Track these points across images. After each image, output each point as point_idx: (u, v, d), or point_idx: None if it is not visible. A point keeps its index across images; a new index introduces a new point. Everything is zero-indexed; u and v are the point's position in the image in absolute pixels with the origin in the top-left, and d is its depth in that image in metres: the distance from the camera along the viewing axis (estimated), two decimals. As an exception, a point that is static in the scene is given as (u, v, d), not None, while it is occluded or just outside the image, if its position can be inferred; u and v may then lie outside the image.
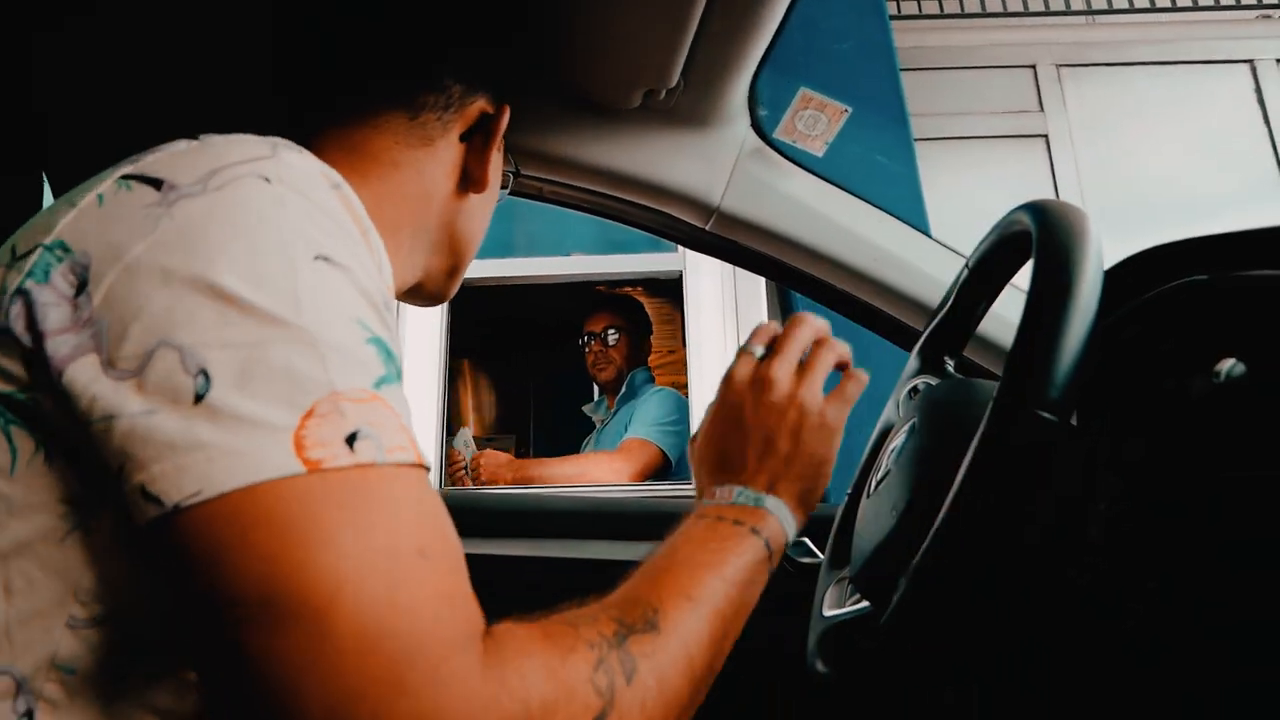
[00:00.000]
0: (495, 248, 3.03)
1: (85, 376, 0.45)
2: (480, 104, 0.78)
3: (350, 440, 0.45)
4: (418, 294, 0.84)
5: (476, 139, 0.78)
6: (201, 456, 0.43)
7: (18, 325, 0.47)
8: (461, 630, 0.45)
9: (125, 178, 0.51)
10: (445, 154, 0.76)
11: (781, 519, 0.72)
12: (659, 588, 0.60)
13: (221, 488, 0.42)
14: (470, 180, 0.79)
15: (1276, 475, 0.55)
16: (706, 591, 0.61)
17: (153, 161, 0.51)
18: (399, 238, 0.74)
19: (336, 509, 0.44)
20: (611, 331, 2.94)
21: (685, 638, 0.57)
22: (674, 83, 0.97)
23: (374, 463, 0.45)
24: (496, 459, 2.66)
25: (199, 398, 0.44)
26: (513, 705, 0.45)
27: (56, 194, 1.07)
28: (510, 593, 1.20)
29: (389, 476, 0.46)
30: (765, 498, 0.72)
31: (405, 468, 0.47)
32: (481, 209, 0.83)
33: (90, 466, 0.46)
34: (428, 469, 0.50)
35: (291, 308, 0.46)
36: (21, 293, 0.47)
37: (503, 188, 0.92)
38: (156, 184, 0.49)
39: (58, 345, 0.46)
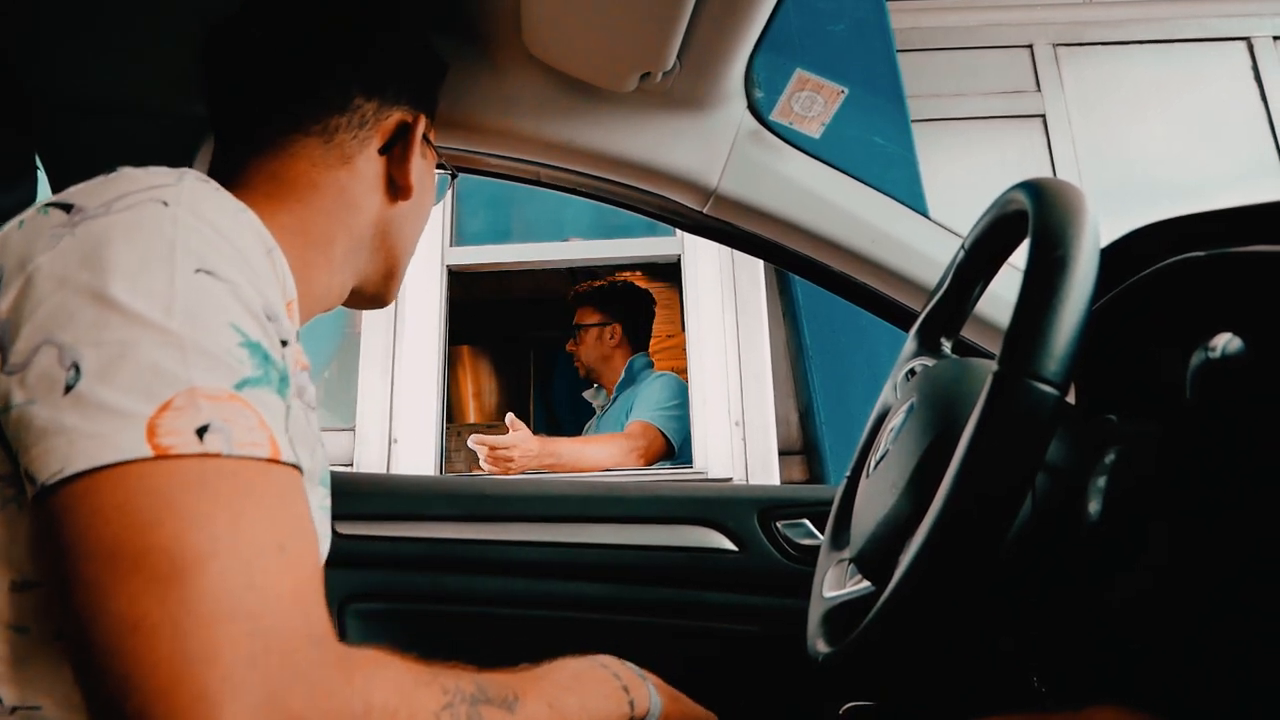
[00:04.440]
0: (493, 233, 3.02)
1: None
2: (398, 116, 0.83)
3: (201, 432, 0.48)
4: (359, 298, 0.89)
5: (397, 149, 0.83)
6: (64, 440, 0.47)
7: None
8: (315, 627, 0.49)
9: (47, 205, 0.56)
10: (366, 168, 0.81)
11: (651, 696, 0.77)
12: (526, 684, 0.65)
13: (78, 467, 0.47)
14: (396, 189, 0.84)
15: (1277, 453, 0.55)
16: (565, 708, 0.66)
17: (73, 191, 0.57)
18: (333, 250, 0.80)
19: (184, 492, 0.47)
20: (579, 329, 2.92)
21: None
22: (669, 65, 0.97)
23: (219, 454, 0.48)
24: (529, 446, 2.41)
25: (69, 388, 0.48)
26: (354, 701, 0.48)
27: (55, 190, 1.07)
28: (515, 577, 1.20)
29: (239, 469, 0.49)
30: (648, 675, 0.79)
31: (260, 462, 0.50)
32: (413, 214, 0.88)
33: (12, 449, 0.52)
34: (297, 468, 0.53)
35: (164, 312, 0.50)
36: None
37: (452, 179, 1.01)
38: (68, 208, 0.55)
39: None
